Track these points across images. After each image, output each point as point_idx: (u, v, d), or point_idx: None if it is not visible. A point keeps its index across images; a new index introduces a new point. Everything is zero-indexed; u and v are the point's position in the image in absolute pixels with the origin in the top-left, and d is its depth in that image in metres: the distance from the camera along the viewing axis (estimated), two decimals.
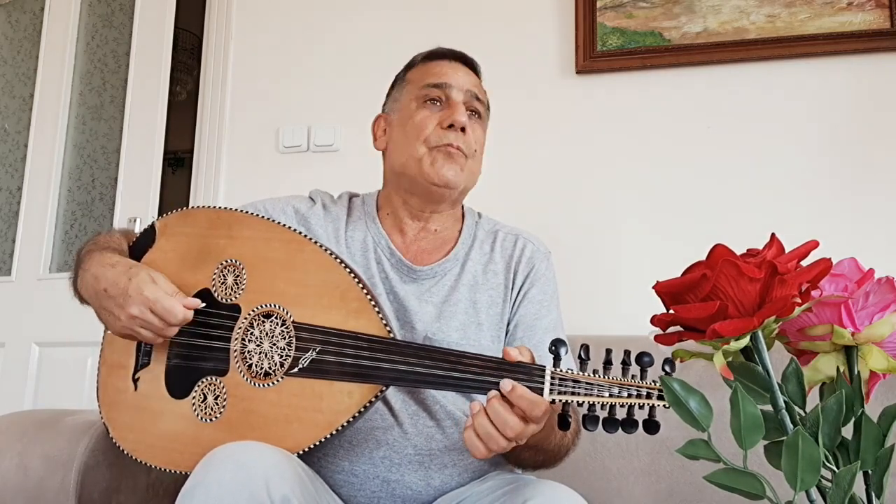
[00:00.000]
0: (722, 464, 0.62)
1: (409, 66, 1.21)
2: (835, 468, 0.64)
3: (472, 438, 0.82)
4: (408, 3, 2.07)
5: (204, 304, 1.00)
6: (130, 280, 0.96)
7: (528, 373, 0.82)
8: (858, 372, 0.68)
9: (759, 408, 0.63)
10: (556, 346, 0.83)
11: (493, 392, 0.82)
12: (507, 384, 0.80)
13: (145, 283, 0.96)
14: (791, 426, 0.65)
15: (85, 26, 2.44)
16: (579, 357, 0.82)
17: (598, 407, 0.80)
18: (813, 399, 0.68)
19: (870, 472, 0.64)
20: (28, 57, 2.50)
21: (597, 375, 0.81)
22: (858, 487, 0.61)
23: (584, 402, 0.80)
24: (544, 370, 0.82)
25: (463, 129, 1.11)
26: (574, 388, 0.81)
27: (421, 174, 1.10)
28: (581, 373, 0.81)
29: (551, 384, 0.81)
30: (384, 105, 1.23)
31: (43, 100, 2.37)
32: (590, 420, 0.79)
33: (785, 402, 0.66)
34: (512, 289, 1.14)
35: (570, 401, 0.80)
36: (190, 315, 0.97)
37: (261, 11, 2.19)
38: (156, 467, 0.98)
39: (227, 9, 2.19)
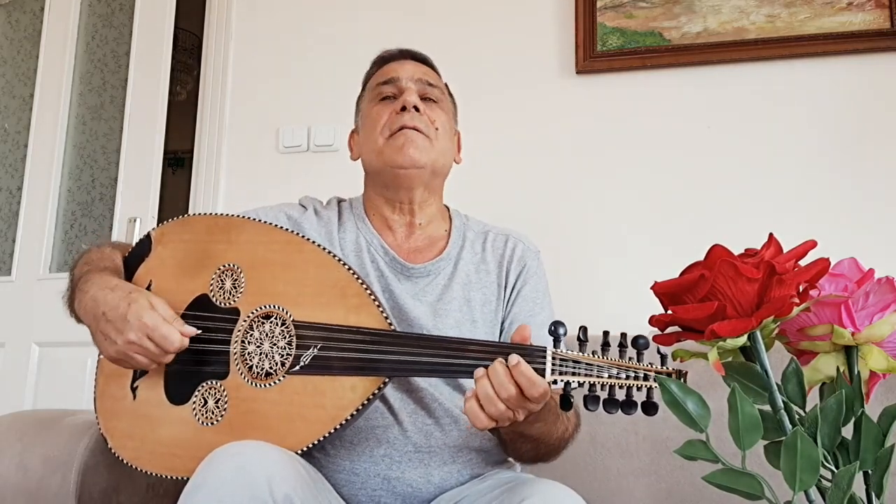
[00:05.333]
0: (721, 464, 0.62)
1: (368, 77, 1.24)
2: (834, 468, 0.64)
3: (473, 405, 0.84)
4: (407, 3, 2.07)
5: (200, 331, 0.99)
6: (130, 305, 0.95)
7: (530, 354, 0.83)
8: (858, 372, 0.68)
9: (758, 408, 0.63)
10: (556, 327, 0.84)
11: (499, 360, 0.84)
12: (513, 358, 0.82)
13: (144, 309, 0.95)
14: (790, 426, 0.65)
15: (85, 26, 2.44)
16: (578, 338, 0.83)
17: (598, 387, 0.81)
18: (813, 399, 0.68)
19: (870, 472, 0.64)
20: (28, 57, 2.50)
21: (596, 356, 0.82)
22: (858, 487, 0.61)
23: (584, 382, 0.81)
24: (545, 351, 0.83)
25: (417, 109, 1.13)
26: (574, 368, 0.82)
27: (385, 162, 1.12)
28: (581, 353, 0.82)
29: (552, 364, 0.82)
30: (354, 121, 1.26)
31: (43, 100, 2.37)
32: (590, 400, 0.81)
33: (784, 402, 0.66)
34: (505, 287, 1.15)
35: (570, 381, 0.82)
36: (186, 342, 0.96)
37: (260, 11, 2.19)
38: (157, 475, 0.98)
39: (227, 9, 2.19)
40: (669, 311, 0.71)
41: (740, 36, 1.83)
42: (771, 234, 0.70)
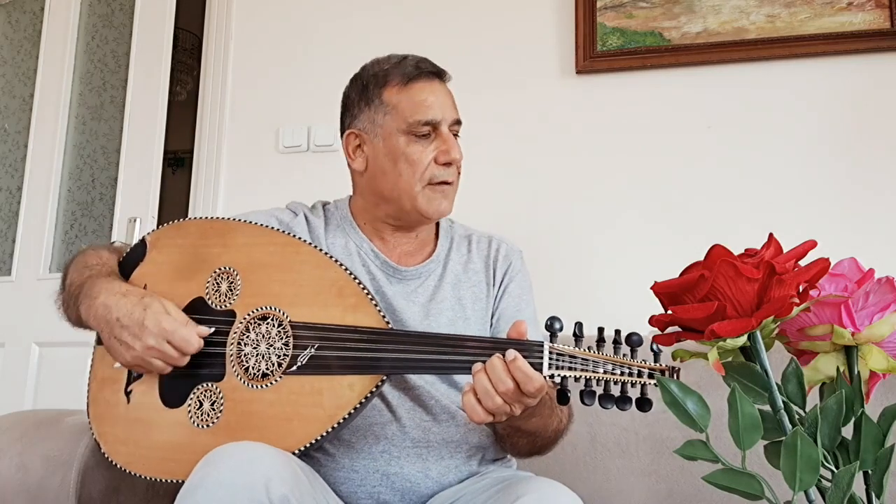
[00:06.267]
0: (721, 464, 0.62)
1: (383, 83, 1.14)
2: (834, 468, 0.64)
3: (471, 399, 0.85)
4: (407, 3, 2.07)
5: (213, 330, 0.99)
6: (146, 310, 0.96)
7: (528, 349, 0.84)
8: (858, 372, 0.68)
9: (758, 408, 0.63)
10: (552, 322, 0.85)
11: (497, 355, 0.85)
12: (510, 353, 0.83)
13: (161, 313, 0.96)
14: (790, 426, 0.65)
15: (85, 26, 2.43)
16: (574, 334, 0.84)
17: (594, 383, 0.82)
18: (813, 399, 0.68)
19: (870, 472, 0.64)
20: (28, 57, 2.50)
21: (591, 352, 0.83)
22: (859, 487, 0.61)
23: (580, 377, 0.82)
24: (542, 346, 0.84)
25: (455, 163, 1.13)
26: (571, 363, 0.83)
27: (415, 209, 1.11)
28: (577, 348, 0.83)
29: (549, 359, 0.83)
30: (353, 119, 1.17)
31: (43, 100, 2.37)
32: (587, 394, 0.81)
33: (784, 402, 0.66)
34: (493, 284, 1.18)
35: (567, 376, 0.82)
36: (202, 343, 0.98)
37: (261, 11, 2.19)
38: (151, 479, 0.98)
39: (227, 9, 2.19)
40: (669, 311, 0.71)
41: (740, 36, 1.83)
42: (771, 234, 0.70)
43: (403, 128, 1.11)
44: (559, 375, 0.83)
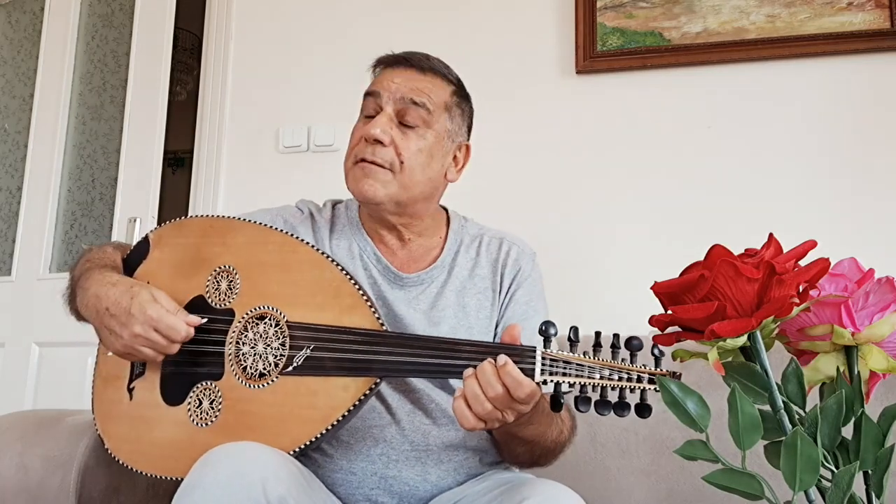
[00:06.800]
0: (721, 464, 0.62)
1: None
2: (834, 468, 0.64)
3: (461, 403, 0.84)
4: (408, 3, 2.07)
5: (205, 320, 0.99)
6: (133, 299, 0.96)
7: (520, 354, 0.83)
8: (858, 372, 0.68)
9: (758, 408, 0.63)
10: (547, 327, 0.83)
11: (488, 359, 0.84)
12: (501, 358, 0.82)
13: (148, 301, 0.95)
14: (790, 426, 0.65)
15: (85, 26, 2.44)
16: (569, 338, 0.83)
17: (589, 389, 0.81)
18: (813, 399, 0.68)
19: (870, 472, 0.64)
20: (28, 57, 2.50)
21: (587, 357, 0.82)
22: (859, 487, 0.61)
23: (575, 382, 0.81)
24: (535, 351, 0.83)
25: (382, 142, 1.05)
26: (565, 369, 0.82)
27: (350, 190, 1.10)
28: (572, 354, 0.82)
29: (542, 365, 0.82)
30: None
31: (43, 100, 2.37)
32: (582, 401, 0.80)
33: (784, 402, 0.66)
34: (499, 292, 1.14)
35: (560, 382, 0.81)
36: (192, 332, 0.97)
37: (261, 11, 2.19)
38: (153, 476, 0.98)
39: (227, 9, 2.19)
40: (669, 311, 0.71)
41: (740, 36, 1.83)
42: (771, 234, 0.70)
43: (362, 107, 1.13)
44: (552, 381, 0.81)
